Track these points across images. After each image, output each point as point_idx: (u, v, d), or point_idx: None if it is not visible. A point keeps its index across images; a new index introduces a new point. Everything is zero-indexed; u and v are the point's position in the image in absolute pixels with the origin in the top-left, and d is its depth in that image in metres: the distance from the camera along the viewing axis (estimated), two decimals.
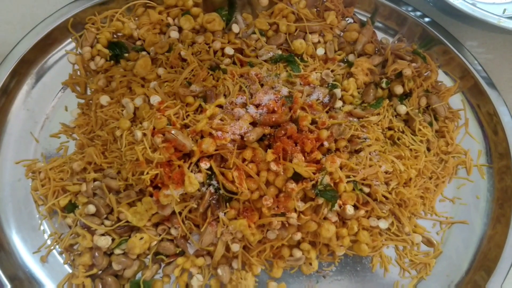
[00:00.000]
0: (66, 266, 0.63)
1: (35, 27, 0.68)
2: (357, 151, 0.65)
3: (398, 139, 0.67)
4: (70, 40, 0.72)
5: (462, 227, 0.68)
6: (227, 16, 0.74)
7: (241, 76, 0.68)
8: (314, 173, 0.59)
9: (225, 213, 0.60)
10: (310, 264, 0.63)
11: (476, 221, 0.68)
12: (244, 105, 0.63)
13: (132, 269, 0.61)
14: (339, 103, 0.69)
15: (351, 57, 0.74)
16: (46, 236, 0.64)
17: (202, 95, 0.65)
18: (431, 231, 0.68)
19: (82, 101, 0.70)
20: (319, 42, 0.74)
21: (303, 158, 0.59)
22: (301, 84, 0.69)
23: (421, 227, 0.67)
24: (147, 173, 0.58)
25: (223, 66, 0.68)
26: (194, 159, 0.59)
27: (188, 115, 0.63)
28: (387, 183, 0.64)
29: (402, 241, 0.66)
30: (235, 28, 0.73)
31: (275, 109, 0.62)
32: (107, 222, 0.62)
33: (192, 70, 0.67)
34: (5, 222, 0.64)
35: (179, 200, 0.59)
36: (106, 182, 0.62)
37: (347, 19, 0.76)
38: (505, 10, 0.73)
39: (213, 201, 0.60)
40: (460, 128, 0.73)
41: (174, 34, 0.72)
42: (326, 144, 0.62)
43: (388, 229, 0.65)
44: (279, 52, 0.72)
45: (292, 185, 0.58)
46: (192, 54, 0.69)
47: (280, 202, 0.58)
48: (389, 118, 0.68)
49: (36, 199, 0.65)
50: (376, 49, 0.74)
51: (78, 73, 0.71)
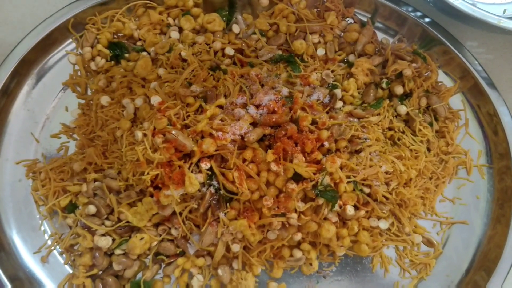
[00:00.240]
0: (66, 267, 0.63)
1: (36, 27, 0.68)
2: (358, 152, 0.65)
3: (399, 139, 0.67)
4: (70, 40, 0.72)
5: (462, 228, 0.68)
6: (227, 16, 0.74)
7: (242, 76, 0.68)
8: (314, 174, 0.59)
9: (225, 213, 0.60)
10: (311, 264, 0.63)
11: (476, 222, 0.68)
12: (244, 106, 0.63)
13: (132, 270, 0.61)
14: (339, 104, 0.69)
15: (351, 58, 0.74)
16: (46, 237, 0.64)
17: (202, 95, 0.65)
18: (431, 232, 0.68)
19: (83, 101, 0.70)
20: (319, 42, 0.74)
21: (303, 159, 0.59)
22: (301, 85, 0.69)
23: (421, 228, 0.67)
24: (148, 173, 0.58)
25: (223, 67, 0.68)
26: (195, 159, 0.59)
27: (189, 115, 0.63)
28: (387, 184, 0.64)
29: (402, 241, 0.66)
30: (235, 29, 0.73)
31: (276, 109, 0.62)
32: (107, 223, 0.62)
33: (193, 71, 0.67)
34: (6, 222, 0.64)
35: (179, 201, 0.59)
36: (106, 182, 0.62)
37: (347, 19, 0.76)
38: (505, 10, 0.73)
39: (214, 202, 0.60)
40: (460, 128, 0.73)
41: (174, 34, 0.72)
42: (326, 144, 0.62)
43: (388, 229, 0.65)
44: (280, 52, 0.72)
45: (292, 185, 0.58)
46: (193, 54, 0.69)
47: (281, 203, 0.58)
48: (389, 118, 0.68)
49: (36, 200, 0.65)
50: (376, 49, 0.74)
51: (79, 73, 0.71)
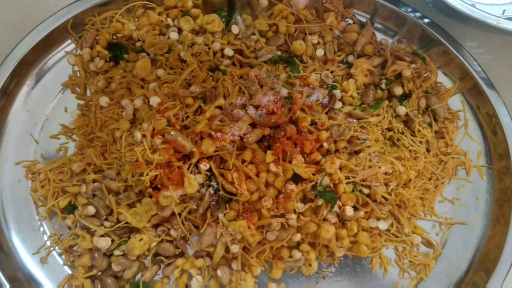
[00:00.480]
0: (65, 267, 0.63)
1: (35, 28, 0.68)
2: (357, 152, 0.65)
3: (398, 140, 0.67)
4: (69, 41, 0.72)
5: (462, 228, 0.68)
6: (226, 17, 0.74)
7: (241, 77, 0.68)
8: (313, 174, 0.59)
9: (224, 214, 0.60)
10: (310, 265, 0.63)
11: (476, 222, 0.68)
12: (243, 106, 0.63)
13: (131, 270, 0.61)
14: (338, 104, 0.69)
15: (350, 58, 0.74)
16: (45, 237, 0.64)
17: (201, 96, 0.65)
18: (430, 232, 0.67)
19: (82, 102, 0.70)
20: (318, 43, 0.74)
21: (302, 159, 0.59)
22: (300, 85, 0.69)
23: (420, 228, 0.67)
24: (147, 174, 0.58)
25: (222, 67, 0.68)
26: (194, 160, 0.59)
27: (188, 116, 0.63)
28: (386, 184, 0.64)
29: (401, 242, 0.66)
30: (234, 29, 0.73)
31: (275, 110, 0.62)
32: (106, 223, 0.62)
33: (192, 71, 0.67)
34: (5, 223, 0.64)
35: (178, 201, 0.59)
36: (105, 183, 0.62)
37: (346, 20, 0.76)
38: (504, 11, 0.73)
39: (213, 202, 0.60)
40: (459, 129, 0.73)
41: (173, 35, 0.72)
42: (325, 145, 0.62)
43: (388, 230, 0.65)
44: (279, 53, 0.72)
45: (291, 186, 0.58)
46: (192, 55, 0.69)
47: (280, 203, 0.58)
48: (388, 119, 0.68)
49: (35, 200, 0.65)
50: (376, 50, 0.74)
51: (78, 74, 0.71)
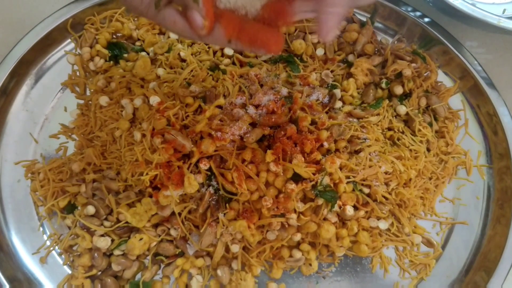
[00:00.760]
0: (65, 267, 0.63)
1: (34, 27, 0.68)
2: (357, 152, 0.65)
3: (398, 139, 0.67)
4: (69, 40, 0.72)
5: (462, 228, 0.68)
6: None
7: (241, 76, 0.67)
8: (313, 174, 0.59)
9: (224, 214, 0.59)
10: (310, 265, 0.63)
11: (476, 222, 0.68)
12: (243, 106, 0.63)
13: (131, 270, 0.61)
14: (338, 104, 0.68)
15: (350, 58, 0.74)
16: (45, 237, 0.64)
17: (201, 95, 0.65)
18: (431, 232, 0.67)
19: (82, 101, 0.70)
20: (318, 42, 0.74)
21: (302, 159, 0.59)
22: (300, 85, 0.69)
23: (421, 228, 0.67)
24: (147, 174, 0.58)
25: (222, 67, 0.68)
26: (194, 160, 0.59)
27: (188, 115, 0.62)
28: (387, 184, 0.64)
29: (402, 241, 0.65)
30: None
31: (275, 109, 0.62)
32: (106, 223, 0.62)
33: (192, 71, 0.67)
34: (4, 223, 0.63)
35: (178, 201, 0.59)
36: (105, 183, 0.62)
37: (346, 19, 0.76)
38: (504, 10, 0.73)
39: (213, 202, 0.60)
40: (460, 128, 0.72)
41: (173, 34, 0.72)
42: (325, 144, 0.62)
43: (388, 229, 0.65)
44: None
45: (291, 185, 0.58)
46: (192, 54, 0.69)
47: (280, 203, 0.58)
48: (388, 118, 0.68)
49: (35, 200, 0.65)
50: (376, 49, 0.74)
51: (78, 73, 0.71)
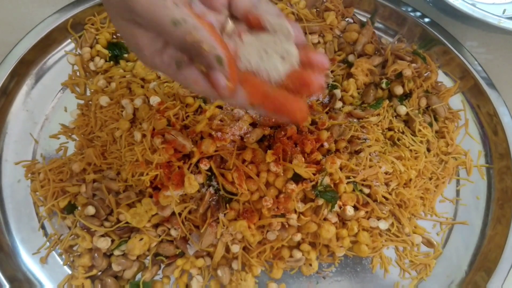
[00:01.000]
0: (65, 267, 0.63)
1: (35, 27, 0.68)
2: (357, 152, 0.64)
3: (398, 139, 0.67)
4: (69, 40, 0.72)
5: (462, 228, 0.68)
6: None
7: None
8: (314, 174, 0.59)
9: (225, 214, 0.59)
10: (310, 265, 0.63)
11: (476, 222, 0.68)
12: None
13: (131, 270, 0.61)
14: (339, 104, 0.68)
15: (351, 58, 0.74)
16: (45, 237, 0.64)
17: (202, 95, 0.65)
18: (431, 232, 0.67)
19: (82, 102, 0.70)
20: (319, 42, 0.74)
21: (303, 159, 0.59)
22: None
23: (421, 228, 0.67)
24: (147, 174, 0.58)
25: None
26: (194, 160, 0.59)
27: (188, 116, 0.62)
28: (387, 184, 0.63)
29: (402, 242, 0.65)
30: None
31: None
32: (106, 223, 0.62)
33: None
34: (5, 223, 0.63)
35: (178, 201, 0.59)
36: (105, 183, 0.62)
37: (347, 19, 0.76)
38: (505, 10, 0.73)
39: (213, 202, 0.60)
40: (460, 128, 0.72)
41: None
42: (326, 145, 0.62)
43: (388, 230, 0.65)
44: None
45: (292, 186, 0.58)
46: None
47: (280, 203, 0.58)
48: (389, 118, 0.68)
49: (35, 200, 0.65)
50: (376, 49, 0.74)
51: (78, 73, 0.71)
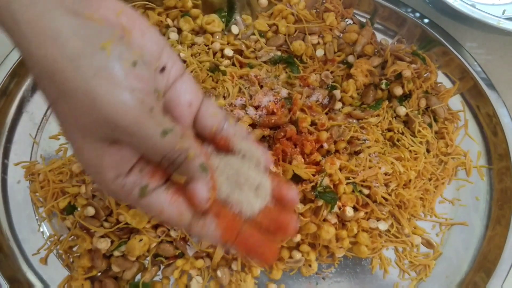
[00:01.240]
0: (65, 268, 0.63)
1: None
2: (357, 153, 0.65)
3: (398, 140, 0.67)
4: None
5: (462, 229, 0.68)
6: (226, 17, 0.74)
7: (241, 77, 0.67)
8: (313, 175, 0.59)
9: None
10: (310, 265, 0.63)
11: (476, 223, 0.68)
12: (243, 107, 0.63)
13: (131, 271, 0.61)
14: (338, 105, 0.68)
15: (350, 58, 0.73)
16: (45, 238, 0.64)
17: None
18: (430, 233, 0.67)
19: None
20: (318, 43, 0.74)
21: (302, 160, 0.59)
22: (300, 86, 0.69)
23: (420, 229, 0.67)
24: None
25: (222, 68, 0.68)
26: None
27: None
28: (386, 185, 0.63)
29: (401, 242, 0.65)
30: (234, 30, 0.73)
31: (275, 110, 0.62)
32: (106, 224, 0.62)
33: (192, 72, 0.67)
34: (4, 223, 0.63)
35: None
36: None
37: (346, 20, 0.76)
38: (504, 11, 0.73)
39: None
40: (459, 129, 0.72)
41: (173, 35, 0.72)
42: (325, 145, 0.62)
43: (388, 230, 0.65)
44: (279, 53, 0.72)
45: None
46: (192, 55, 0.69)
47: None
48: (388, 119, 0.68)
49: (35, 201, 0.65)
50: (376, 50, 0.74)
51: None
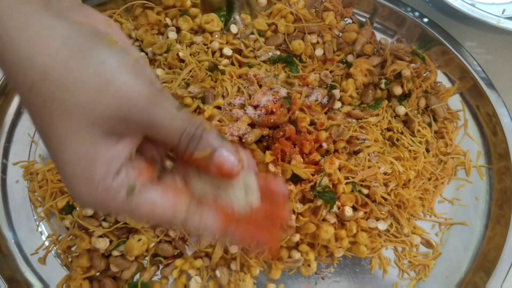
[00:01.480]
0: (64, 268, 0.62)
1: None
2: (356, 152, 0.64)
3: (397, 140, 0.67)
4: None
5: (461, 229, 0.68)
6: (225, 16, 0.74)
7: (240, 77, 0.67)
8: (312, 175, 0.59)
9: None
10: (309, 265, 0.63)
11: (476, 222, 0.68)
12: (242, 106, 0.63)
13: (130, 271, 0.61)
14: (337, 104, 0.68)
15: (350, 58, 0.73)
16: (44, 238, 0.64)
17: (200, 96, 0.65)
18: (430, 233, 0.67)
19: None
20: (317, 42, 0.74)
21: (301, 160, 0.59)
22: (299, 85, 0.68)
23: (420, 229, 0.67)
24: None
25: (221, 67, 0.68)
26: None
27: None
28: (386, 184, 0.63)
29: (401, 242, 0.65)
30: (233, 29, 0.73)
31: (274, 110, 0.61)
32: (105, 224, 0.61)
33: (190, 71, 0.67)
34: (3, 223, 0.63)
35: None
36: None
37: (346, 19, 0.76)
38: (504, 10, 0.73)
39: None
40: (459, 129, 0.72)
41: (172, 34, 0.71)
42: (324, 145, 0.61)
43: (387, 230, 0.65)
44: (278, 52, 0.72)
45: (290, 186, 0.58)
46: (190, 54, 0.69)
47: None
48: (388, 119, 0.68)
49: (34, 201, 0.65)
50: (375, 49, 0.74)
51: None
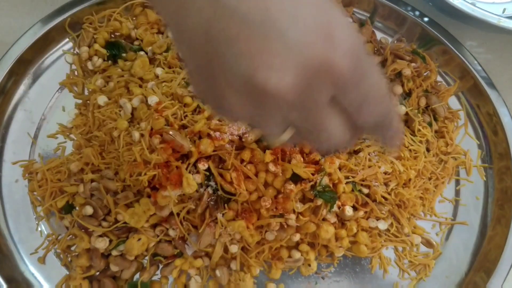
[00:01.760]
0: (63, 268, 0.62)
1: (32, 26, 0.68)
2: (356, 152, 0.64)
3: None
4: (67, 40, 0.71)
5: (462, 228, 0.68)
6: None
7: None
8: (313, 174, 0.59)
9: (223, 214, 0.59)
10: (309, 265, 0.63)
11: (476, 222, 0.68)
12: None
13: (130, 271, 0.61)
14: None
15: None
16: (43, 238, 0.63)
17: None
18: (430, 232, 0.67)
19: (80, 101, 0.70)
20: None
21: (301, 159, 0.59)
22: None
23: (420, 228, 0.66)
24: (145, 174, 0.58)
25: None
26: (192, 160, 0.58)
27: (186, 115, 0.62)
28: (386, 184, 0.63)
29: (401, 242, 0.65)
30: None
31: None
32: (104, 224, 0.61)
33: None
34: (2, 223, 0.63)
35: (177, 201, 0.59)
36: (103, 183, 0.62)
37: None
38: (504, 9, 0.73)
39: (211, 202, 0.60)
40: (459, 128, 0.72)
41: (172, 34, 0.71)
42: None
43: (387, 230, 0.65)
44: None
45: (290, 186, 0.58)
46: None
47: (279, 203, 0.58)
48: None
49: (33, 200, 0.64)
50: (375, 49, 0.74)
51: (76, 73, 0.71)
